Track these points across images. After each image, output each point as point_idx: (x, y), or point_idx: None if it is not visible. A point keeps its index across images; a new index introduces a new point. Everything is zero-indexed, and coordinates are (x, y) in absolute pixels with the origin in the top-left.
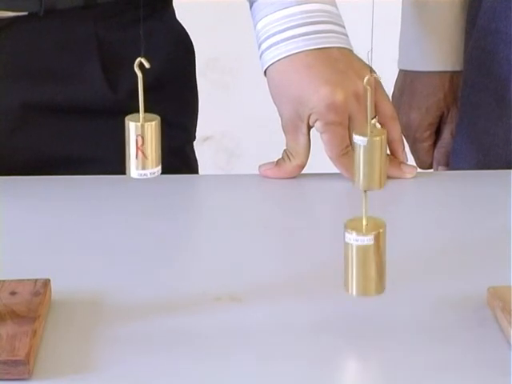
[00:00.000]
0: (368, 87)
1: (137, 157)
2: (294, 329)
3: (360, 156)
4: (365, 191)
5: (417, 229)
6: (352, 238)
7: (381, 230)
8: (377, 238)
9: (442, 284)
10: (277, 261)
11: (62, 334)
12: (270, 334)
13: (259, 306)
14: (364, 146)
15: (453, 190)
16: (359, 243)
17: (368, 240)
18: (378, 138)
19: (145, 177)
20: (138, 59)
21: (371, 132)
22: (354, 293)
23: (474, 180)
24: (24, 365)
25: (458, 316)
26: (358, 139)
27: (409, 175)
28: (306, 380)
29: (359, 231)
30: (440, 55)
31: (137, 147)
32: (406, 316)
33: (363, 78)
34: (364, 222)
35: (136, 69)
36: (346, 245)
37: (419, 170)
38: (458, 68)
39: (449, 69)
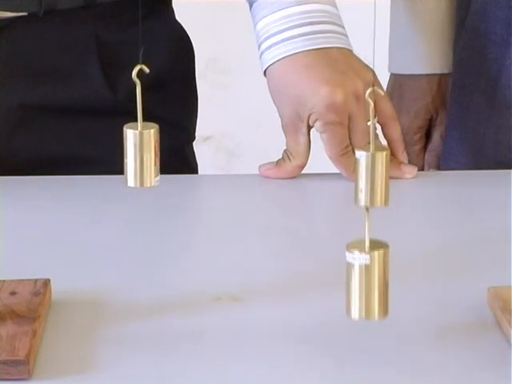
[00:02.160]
0: (370, 101)
1: (155, 164)
2: (294, 329)
3: (362, 172)
4: (367, 209)
5: (416, 229)
6: (353, 256)
7: (385, 251)
8: (380, 258)
9: (442, 284)
10: (277, 261)
11: (62, 334)
12: (270, 334)
13: (259, 306)
14: (366, 161)
15: (452, 190)
16: (361, 262)
17: (370, 259)
18: (380, 153)
19: (157, 183)
20: (137, 67)
21: (374, 147)
22: (357, 316)
23: (474, 180)
24: (24, 365)
25: (458, 316)
26: (360, 154)
27: (409, 175)
28: (306, 380)
29: (361, 250)
30: (428, 59)
31: (155, 154)
32: (406, 316)
33: (363, 78)
34: (366, 242)
35: (134, 77)
36: (348, 265)
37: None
38: (446, 71)
39: (437, 72)
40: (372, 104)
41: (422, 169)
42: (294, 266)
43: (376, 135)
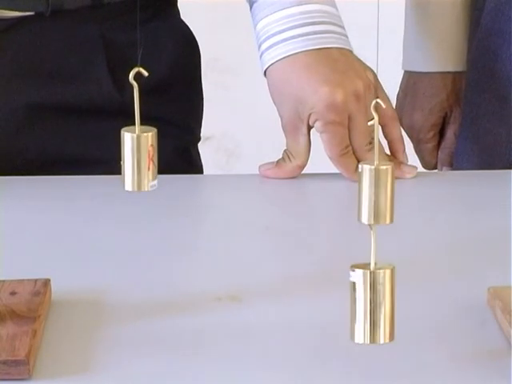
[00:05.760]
0: (375, 114)
1: (149, 168)
2: (294, 329)
3: (365, 187)
4: (371, 226)
5: (417, 229)
6: (357, 275)
7: (390, 272)
8: (387, 279)
9: (442, 284)
10: (277, 261)
11: (62, 334)
12: (270, 334)
13: (259, 306)
14: (370, 176)
15: (453, 190)
16: (366, 283)
17: (376, 280)
18: (385, 167)
19: (154, 188)
20: (135, 69)
21: (378, 161)
22: (361, 340)
23: (474, 180)
24: (24, 365)
25: (458, 316)
26: (364, 168)
27: (409, 175)
28: (306, 380)
29: (366, 272)
30: (442, 56)
31: (149, 158)
32: (406, 316)
33: (363, 78)
34: (372, 262)
35: (131, 80)
36: (352, 287)
37: (420, 169)
38: (460, 69)
39: (451, 69)
40: (377, 117)
41: (435, 167)
42: (294, 266)
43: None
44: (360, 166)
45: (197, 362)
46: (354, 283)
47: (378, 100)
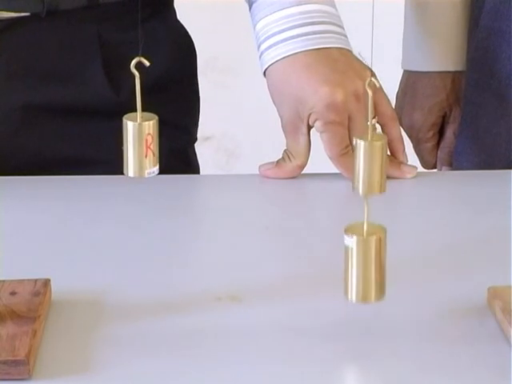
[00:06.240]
0: (369, 90)
1: (146, 156)
2: (294, 329)
3: (360, 160)
4: (365, 196)
5: (417, 229)
6: (352, 241)
7: (382, 235)
8: (377, 242)
9: (442, 284)
10: (277, 261)
11: (62, 334)
12: (270, 334)
13: (259, 306)
14: (364, 150)
15: (453, 190)
16: (360, 247)
17: (369, 243)
18: (378, 143)
19: (153, 174)
20: (136, 59)
21: (372, 136)
22: (354, 299)
23: (474, 180)
24: (24, 365)
25: (458, 316)
26: (358, 143)
27: (409, 175)
28: (305, 380)
29: (360, 235)
30: (441, 56)
31: (147, 146)
32: (406, 316)
33: (363, 78)
34: (365, 227)
35: (133, 69)
36: (346, 248)
37: (420, 169)
38: (459, 68)
39: (450, 69)
40: (371, 94)
41: (434, 166)
42: (294, 266)
43: (375, 128)
44: (355, 140)
45: (197, 361)
46: (347, 247)
47: (372, 78)
